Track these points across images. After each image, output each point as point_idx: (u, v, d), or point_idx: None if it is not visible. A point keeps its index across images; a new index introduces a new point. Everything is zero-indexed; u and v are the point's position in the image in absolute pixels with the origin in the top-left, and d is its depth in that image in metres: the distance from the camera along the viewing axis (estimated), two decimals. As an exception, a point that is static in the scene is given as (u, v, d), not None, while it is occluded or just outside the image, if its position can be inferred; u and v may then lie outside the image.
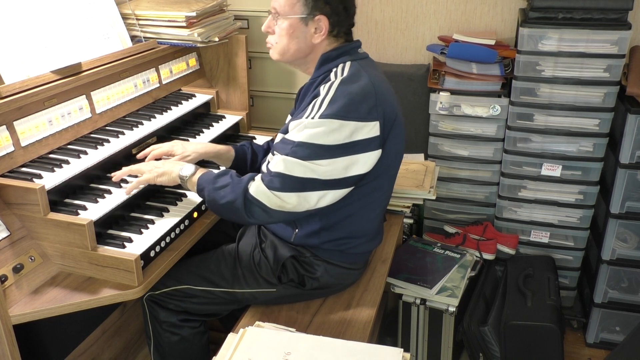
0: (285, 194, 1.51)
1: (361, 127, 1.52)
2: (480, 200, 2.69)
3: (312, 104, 1.54)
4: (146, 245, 1.54)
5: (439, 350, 2.23)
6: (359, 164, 1.55)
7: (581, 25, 2.24)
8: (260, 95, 2.66)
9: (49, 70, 1.71)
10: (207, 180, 1.61)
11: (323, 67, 1.65)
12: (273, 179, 1.51)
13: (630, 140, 2.23)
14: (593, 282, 2.49)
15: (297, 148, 1.50)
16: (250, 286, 1.73)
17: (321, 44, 1.65)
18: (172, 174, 1.67)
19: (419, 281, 2.14)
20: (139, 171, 1.69)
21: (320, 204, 1.55)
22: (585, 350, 2.53)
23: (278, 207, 1.52)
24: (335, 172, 1.52)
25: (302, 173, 1.50)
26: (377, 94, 1.56)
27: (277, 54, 1.69)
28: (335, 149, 1.51)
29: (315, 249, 1.72)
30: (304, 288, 1.74)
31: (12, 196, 1.49)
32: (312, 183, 1.51)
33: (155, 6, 2.21)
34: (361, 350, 1.33)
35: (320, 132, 1.49)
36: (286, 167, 1.50)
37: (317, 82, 1.64)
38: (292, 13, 1.61)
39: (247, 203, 1.52)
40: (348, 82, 1.55)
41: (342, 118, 1.50)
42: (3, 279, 1.39)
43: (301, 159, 1.49)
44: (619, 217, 2.35)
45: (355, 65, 1.61)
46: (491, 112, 2.48)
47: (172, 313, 1.77)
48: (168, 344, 1.79)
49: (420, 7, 2.77)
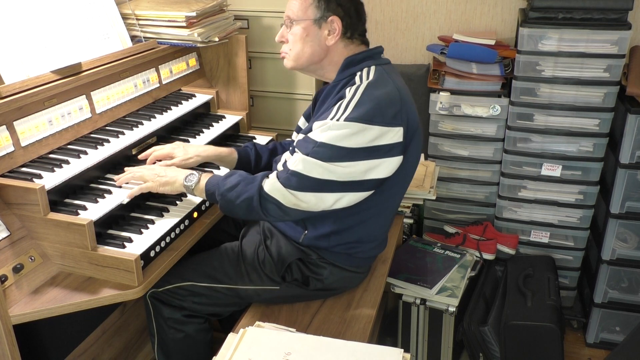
0: (301, 194, 1.50)
1: (385, 132, 1.52)
2: (480, 200, 2.69)
3: (338, 106, 1.53)
4: (146, 245, 1.54)
5: (439, 350, 2.23)
6: (380, 169, 1.54)
7: (581, 25, 2.24)
8: (260, 95, 2.66)
9: (49, 70, 1.71)
10: (215, 184, 1.60)
11: (347, 70, 1.64)
12: (290, 178, 1.51)
13: (630, 140, 2.23)
14: (593, 282, 2.49)
15: (319, 148, 1.50)
16: (253, 283, 1.73)
17: (336, 46, 1.64)
18: (175, 184, 1.66)
19: (419, 281, 2.14)
20: (142, 178, 1.68)
21: (337, 205, 1.55)
22: (585, 350, 2.53)
23: (293, 205, 1.52)
24: (355, 174, 1.52)
25: (320, 174, 1.49)
26: (402, 100, 1.56)
27: (292, 61, 1.68)
28: (357, 152, 1.50)
29: (323, 251, 1.71)
30: (307, 288, 1.74)
31: (12, 196, 1.49)
32: (330, 184, 1.51)
33: (155, 6, 2.21)
34: (361, 350, 1.33)
35: (343, 134, 1.49)
36: (305, 167, 1.50)
37: (340, 84, 1.63)
38: (305, 16, 1.61)
39: (262, 200, 1.52)
40: (374, 87, 1.54)
41: (367, 122, 1.49)
42: (3, 279, 1.39)
43: (321, 159, 1.49)
44: (619, 217, 2.35)
45: (380, 70, 1.60)
46: (491, 112, 2.48)
47: (176, 310, 1.77)
48: (172, 340, 1.79)
49: (420, 7, 2.77)
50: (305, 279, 1.73)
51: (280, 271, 1.72)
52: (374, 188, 1.59)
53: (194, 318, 1.79)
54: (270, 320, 1.66)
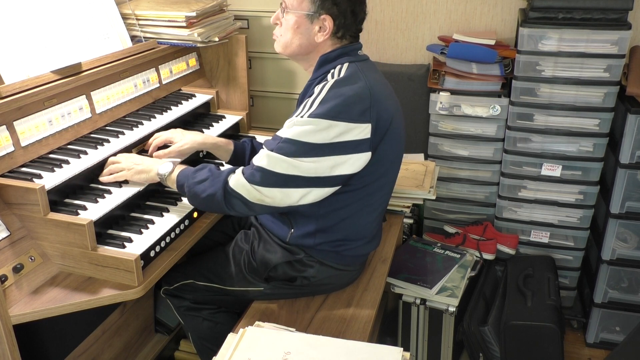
0: (265, 189, 1.52)
1: (351, 129, 1.52)
2: (480, 200, 2.69)
3: (304, 103, 1.56)
4: (146, 245, 1.54)
5: (439, 350, 2.23)
6: (346, 165, 1.55)
7: (581, 25, 2.24)
8: (260, 95, 2.66)
9: (49, 70, 1.71)
10: (185, 176, 1.63)
11: (322, 68, 1.65)
12: (254, 173, 1.53)
13: (630, 140, 2.23)
14: (593, 282, 2.49)
15: (283, 144, 1.51)
16: (240, 284, 1.78)
17: (324, 43, 1.65)
18: (150, 173, 1.68)
19: (419, 281, 2.14)
20: (119, 168, 1.70)
21: (303, 201, 1.56)
22: (585, 350, 2.53)
23: (257, 201, 1.54)
24: (320, 170, 1.53)
25: (285, 170, 1.51)
26: (372, 97, 1.55)
27: (280, 47, 1.70)
28: (321, 147, 1.51)
29: (310, 250, 1.72)
30: (292, 284, 1.76)
31: (12, 196, 1.49)
32: (295, 180, 1.52)
33: (155, 6, 2.21)
34: (361, 349, 1.33)
35: (307, 130, 1.50)
36: (269, 162, 1.51)
37: (314, 83, 1.64)
38: (300, 9, 1.61)
39: (227, 195, 1.55)
40: (342, 84, 1.55)
41: (332, 118, 1.50)
42: (3, 279, 1.39)
43: (285, 155, 1.50)
44: (619, 217, 2.35)
45: (353, 67, 1.60)
46: (491, 112, 2.48)
47: (186, 300, 1.89)
48: (197, 326, 1.91)
49: (420, 7, 2.77)
50: (291, 278, 1.76)
51: (264, 274, 1.75)
52: (341, 184, 1.60)
53: (204, 304, 1.89)
54: (270, 320, 1.66)
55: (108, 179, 1.69)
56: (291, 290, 1.77)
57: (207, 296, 1.85)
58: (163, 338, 2.33)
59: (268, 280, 1.76)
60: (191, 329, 1.92)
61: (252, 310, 1.76)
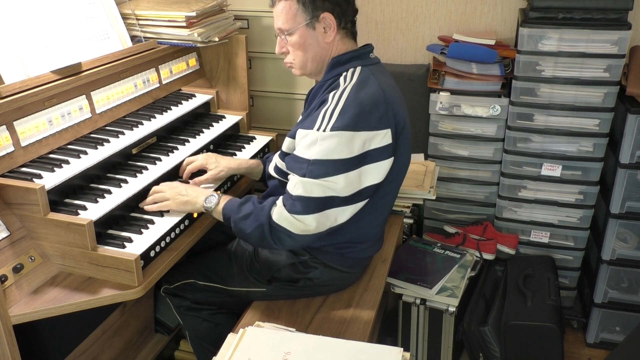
0: (307, 217, 1.50)
1: (373, 137, 1.51)
2: (480, 200, 2.69)
3: (322, 115, 1.53)
4: (146, 245, 1.54)
5: (439, 350, 2.23)
6: (372, 175, 1.55)
7: (581, 25, 2.24)
8: (260, 95, 2.66)
9: (49, 70, 1.71)
10: (231, 210, 1.62)
11: (333, 70, 1.64)
12: (295, 203, 1.50)
13: (630, 140, 2.23)
14: (593, 282, 2.49)
15: (313, 167, 1.49)
16: (242, 285, 1.78)
17: (334, 43, 1.64)
18: (196, 205, 1.68)
19: (419, 281, 2.14)
20: (163, 197, 1.69)
21: (339, 220, 1.56)
22: (585, 350, 2.53)
23: (301, 232, 1.51)
24: (353, 185, 1.52)
25: (322, 192, 1.49)
26: (386, 101, 1.55)
27: (299, 70, 1.69)
28: (350, 161, 1.50)
29: (315, 251, 1.72)
30: (295, 285, 1.76)
31: (12, 196, 1.49)
32: (332, 201, 1.51)
33: (155, 6, 2.21)
34: (361, 349, 1.33)
35: (332, 146, 1.48)
36: (305, 189, 1.49)
37: (326, 85, 1.63)
38: (297, 24, 1.60)
39: (273, 231, 1.53)
40: (357, 90, 1.54)
41: (353, 129, 1.49)
42: (3, 279, 1.39)
43: (317, 177, 1.49)
44: (619, 217, 2.35)
45: (365, 71, 1.60)
46: (491, 112, 2.48)
47: (186, 300, 1.88)
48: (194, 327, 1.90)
49: (420, 7, 2.77)
50: (295, 279, 1.75)
51: (267, 275, 1.75)
52: (370, 195, 1.60)
53: (204, 305, 1.88)
54: (270, 320, 1.66)
55: (152, 208, 1.68)
56: (293, 291, 1.77)
57: (207, 296, 1.85)
58: (163, 338, 2.33)
59: (271, 282, 1.76)
60: (190, 329, 1.92)
61: (252, 310, 1.76)
